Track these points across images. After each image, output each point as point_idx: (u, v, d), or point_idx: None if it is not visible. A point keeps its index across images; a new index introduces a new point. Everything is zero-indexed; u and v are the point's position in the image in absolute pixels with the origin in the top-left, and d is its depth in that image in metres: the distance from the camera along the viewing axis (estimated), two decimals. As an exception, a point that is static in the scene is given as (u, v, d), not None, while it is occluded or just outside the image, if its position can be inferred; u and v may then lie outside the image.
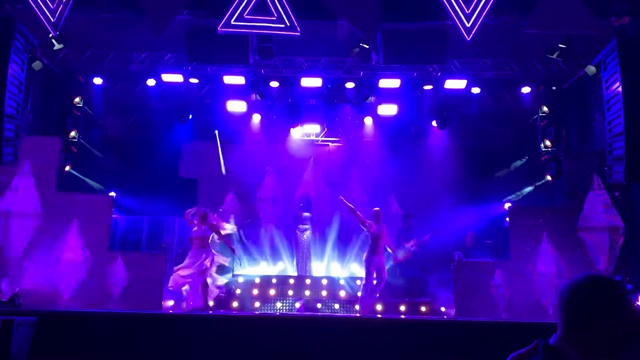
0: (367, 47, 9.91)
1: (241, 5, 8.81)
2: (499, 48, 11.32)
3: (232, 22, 8.82)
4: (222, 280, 10.55)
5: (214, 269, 9.77)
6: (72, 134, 12.13)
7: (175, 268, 9.33)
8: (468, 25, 8.68)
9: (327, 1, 8.87)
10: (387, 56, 9.56)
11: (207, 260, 9.21)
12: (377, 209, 9.91)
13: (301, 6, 9.03)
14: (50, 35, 9.00)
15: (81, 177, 12.47)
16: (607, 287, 1.85)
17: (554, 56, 10.15)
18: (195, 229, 9.31)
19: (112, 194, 12.58)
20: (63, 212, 11.13)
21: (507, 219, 12.33)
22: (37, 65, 10.61)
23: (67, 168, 11.96)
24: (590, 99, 11.89)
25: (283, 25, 8.83)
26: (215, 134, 14.10)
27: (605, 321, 1.80)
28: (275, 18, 8.84)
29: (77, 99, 12.32)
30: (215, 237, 10.02)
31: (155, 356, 7.23)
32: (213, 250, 9.68)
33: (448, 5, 8.69)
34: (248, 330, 7.64)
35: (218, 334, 7.46)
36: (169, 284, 9.28)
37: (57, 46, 10.14)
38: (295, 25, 8.81)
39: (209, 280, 9.44)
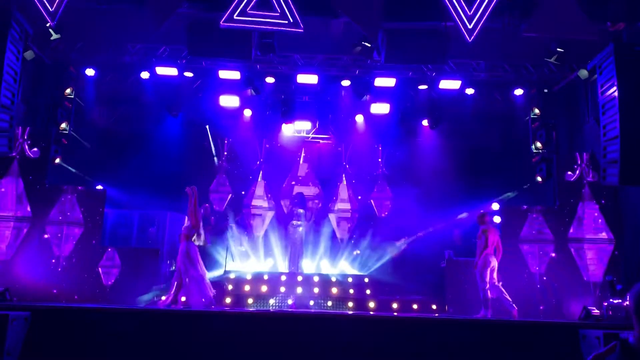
0: (369, 45, 9.93)
1: (244, 0, 8.75)
2: (494, 50, 11.43)
3: (235, 17, 8.72)
4: None
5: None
6: (63, 125, 11.87)
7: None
8: (470, 26, 8.74)
9: (330, -1, 8.85)
10: (389, 55, 9.57)
11: None
12: (482, 211, 10.06)
13: (300, 2, 8.98)
14: (48, 25, 8.79)
15: (71, 169, 12.22)
16: None
17: (552, 60, 10.28)
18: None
19: (99, 187, 12.38)
20: (53, 204, 10.94)
21: (497, 218, 12.53)
22: (29, 54, 10.35)
23: (58, 160, 11.70)
24: (581, 102, 12.10)
25: (286, 22, 8.77)
26: (206, 129, 14.01)
27: None
28: (278, 14, 8.78)
29: (68, 90, 12.05)
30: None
31: (148, 351, 7.19)
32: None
33: (450, 7, 8.73)
34: (243, 326, 7.65)
35: (213, 330, 7.46)
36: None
37: (54, 36, 9.91)
38: (298, 22, 8.76)
39: None
